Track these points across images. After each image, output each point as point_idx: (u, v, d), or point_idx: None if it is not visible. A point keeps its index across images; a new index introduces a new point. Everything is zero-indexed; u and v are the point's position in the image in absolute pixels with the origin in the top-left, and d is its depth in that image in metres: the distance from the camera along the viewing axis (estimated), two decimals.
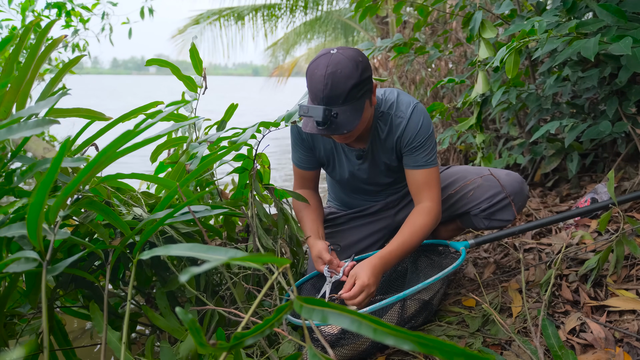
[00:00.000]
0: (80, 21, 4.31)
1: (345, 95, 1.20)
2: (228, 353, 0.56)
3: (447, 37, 3.05)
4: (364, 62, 1.24)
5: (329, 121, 1.20)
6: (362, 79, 1.22)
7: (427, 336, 0.41)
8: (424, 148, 1.40)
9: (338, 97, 1.20)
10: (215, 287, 1.44)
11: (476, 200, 1.55)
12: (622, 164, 2.06)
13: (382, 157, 1.48)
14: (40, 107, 0.98)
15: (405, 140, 1.41)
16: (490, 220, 1.55)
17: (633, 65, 1.34)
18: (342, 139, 1.34)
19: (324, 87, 1.19)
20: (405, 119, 1.40)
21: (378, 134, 1.44)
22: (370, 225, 1.65)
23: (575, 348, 1.15)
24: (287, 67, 9.84)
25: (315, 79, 1.21)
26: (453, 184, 1.60)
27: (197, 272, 0.47)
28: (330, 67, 1.20)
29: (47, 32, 1.13)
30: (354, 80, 1.20)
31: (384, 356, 1.27)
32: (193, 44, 1.54)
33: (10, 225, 0.88)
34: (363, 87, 1.24)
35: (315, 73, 1.22)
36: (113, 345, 0.94)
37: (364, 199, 1.65)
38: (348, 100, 1.21)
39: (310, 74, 1.24)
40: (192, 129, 1.58)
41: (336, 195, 1.74)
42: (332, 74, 1.19)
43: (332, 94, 1.20)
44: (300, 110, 1.23)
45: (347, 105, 1.22)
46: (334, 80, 1.19)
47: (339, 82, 1.19)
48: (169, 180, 1.35)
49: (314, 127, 1.24)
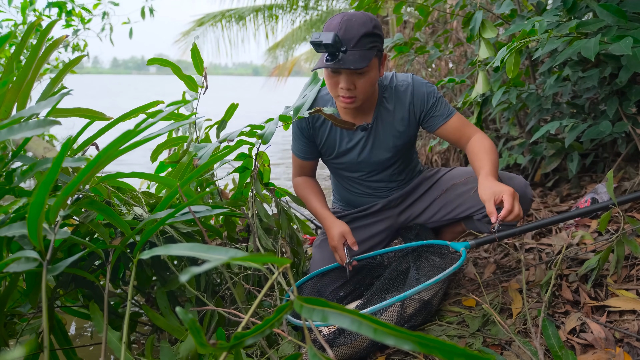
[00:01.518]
0: (81, 21, 4.31)
1: (357, 40, 1.29)
2: (228, 353, 0.56)
3: (448, 36, 3.05)
4: (376, 21, 1.34)
5: (338, 52, 1.28)
6: (373, 32, 1.31)
7: (427, 336, 0.41)
8: (440, 102, 1.50)
9: (350, 40, 1.29)
10: (215, 287, 1.44)
11: (479, 205, 1.54)
12: (622, 164, 2.06)
13: (388, 130, 1.51)
14: (41, 107, 0.98)
15: (418, 103, 1.49)
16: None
17: (633, 65, 1.34)
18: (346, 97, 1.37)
19: (338, 29, 1.29)
20: (409, 84, 1.50)
21: (385, 107, 1.50)
22: (374, 225, 1.66)
23: (575, 348, 1.15)
24: (287, 66, 9.83)
25: (331, 25, 1.32)
26: (458, 186, 1.60)
27: (197, 272, 0.47)
28: (346, 16, 1.32)
29: (48, 33, 1.13)
30: (366, 29, 1.30)
31: (384, 356, 1.27)
32: (194, 44, 1.54)
33: (11, 225, 0.88)
34: (374, 41, 1.32)
35: (332, 22, 1.33)
36: (113, 344, 0.94)
37: (367, 194, 1.65)
38: (358, 45, 1.29)
39: (327, 23, 1.35)
40: (193, 128, 1.58)
41: (340, 195, 1.75)
42: (347, 21, 1.30)
43: (345, 36, 1.29)
44: (312, 36, 1.29)
45: (356, 50, 1.30)
46: (348, 25, 1.29)
47: (352, 27, 1.29)
48: (170, 179, 1.35)
49: (322, 62, 1.32)
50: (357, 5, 2.23)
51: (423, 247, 1.54)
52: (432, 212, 1.64)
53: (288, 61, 9.71)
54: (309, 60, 9.73)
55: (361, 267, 1.56)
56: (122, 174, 1.11)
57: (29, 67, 1.07)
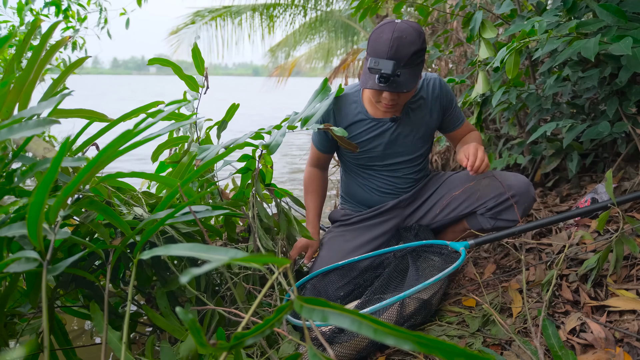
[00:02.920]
0: (78, 20, 4.30)
1: (408, 58, 1.31)
2: (228, 353, 0.56)
3: (448, 37, 3.05)
4: (423, 34, 1.37)
5: (393, 78, 1.31)
6: (422, 47, 1.34)
7: (427, 336, 0.41)
8: (456, 105, 1.61)
9: (401, 60, 1.31)
10: (215, 287, 1.44)
11: (483, 199, 1.57)
12: (622, 164, 2.06)
13: (416, 121, 1.57)
14: (42, 107, 0.98)
15: (444, 99, 1.57)
16: (497, 220, 1.56)
17: (633, 65, 1.34)
18: (389, 105, 1.42)
19: (389, 48, 1.30)
20: (436, 79, 1.56)
21: (413, 100, 1.54)
22: (380, 225, 1.67)
23: (575, 348, 1.15)
24: (287, 67, 9.82)
25: (381, 41, 1.32)
26: (460, 186, 1.62)
27: (197, 273, 0.47)
28: (396, 32, 1.31)
29: (51, 34, 1.13)
30: (416, 47, 1.32)
31: (384, 356, 1.27)
32: (195, 44, 1.54)
33: (11, 225, 0.88)
34: (421, 56, 1.36)
35: (381, 36, 1.32)
36: (113, 345, 0.94)
37: (380, 191, 1.67)
38: (409, 64, 1.32)
39: (375, 37, 1.35)
40: (193, 128, 1.58)
41: (350, 194, 1.76)
42: (398, 38, 1.30)
43: (397, 56, 1.30)
44: (370, 62, 1.31)
45: (407, 69, 1.33)
46: (400, 44, 1.30)
47: (404, 46, 1.30)
48: (171, 178, 1.35)
49: (375, 84, 1.34)
50: (357, 5, 2.23)
51: (422, 247, 1.54)
52: (436, 211, 1.65)
53: (288, 62, 9.69)
54: (309, 60, 9.71)
55: (363, 268, 1.56)
56: (122, 174, 1.11)
57: (31, 67, 1.06)
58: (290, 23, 7.94)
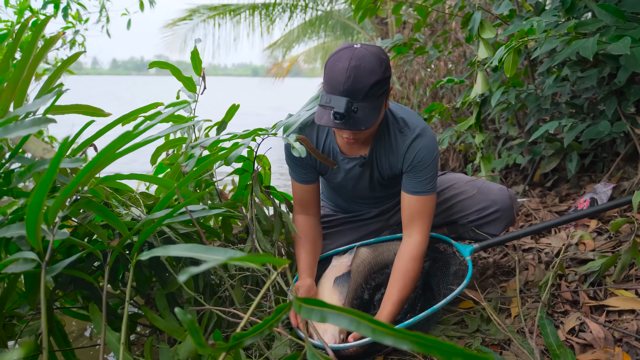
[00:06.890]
0: (78, 20, 4.30)
1: (367, 91, 1.15)
2: (227, 353, 0.56)
3: (447, 37, 3.05)
4: (386, 60, 1.20)
5: (349, 115, 1.15)
6: (384, 77, 1.18)
7: (426, 336, 0.41)
8: (425, 174, 1.32)
9: (359, 92, 1.15)
10: (214, 289, 1.44)
11: (466, 211, 1.54)
12: (621, 164, 2.06)
13: (383, 163, 1.39)
14: (37, 104, 0.97)
15: (409, 157, 1.32)
16: (476, 233, 1.54)
17: (632, 65, 1.34)
18: (350, 139, 1.27)
19: (346, 80, 1.14)
20: (415, 135, 1.32)
21: (384, 140, 1.36)
22: (363, 228, 1.60)
23: (574, 348, 1.15)
24: (285, 66, 9.79)
25: (337, 71, 1.16)
26: (447, 191, 1.59)
27: (195, 272, 0.47)
28: (353, 60, 1.15)
29: (42, 28, 1.11)
30: (377, 77, 1.16)
31: (382, 356, 1.27)
32: (195, 48, 1.54)
33: (9, 226, 0.88)
34: (383, 86, 1.19)
35: (337, 65, 1.16)
36: (112, 346, 0.93)
37: (361, 205, 1.60)
38: (368, 96, 1.16)
39: (330, 65, 1.18)
40: (192, 130, 1.57)
41: (330, 198, 1.68)
42: (356, 68, 1.14)
43: (354, 88, 1.14)
44: (321, 99, 1.18)
45: (366, 102, 1.17)
46: (357, 74, 1.14)
47: (362, 76, 1.14)
48: (168, 180, 1.35)
49: (330, 120, 1.18)
50: (357, 6, 2.23)
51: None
52: None
53: (286, 61, 9.67)
54: (307, 60, 9.70)
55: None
56: (121, 176, 1.11)
57: (24, 64, 1.04)
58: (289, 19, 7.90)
